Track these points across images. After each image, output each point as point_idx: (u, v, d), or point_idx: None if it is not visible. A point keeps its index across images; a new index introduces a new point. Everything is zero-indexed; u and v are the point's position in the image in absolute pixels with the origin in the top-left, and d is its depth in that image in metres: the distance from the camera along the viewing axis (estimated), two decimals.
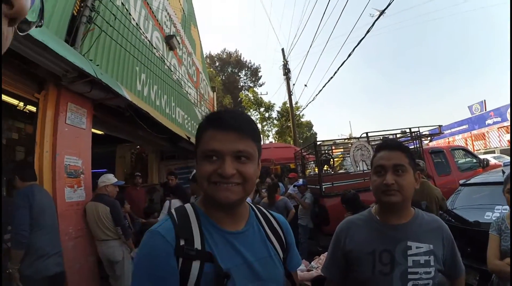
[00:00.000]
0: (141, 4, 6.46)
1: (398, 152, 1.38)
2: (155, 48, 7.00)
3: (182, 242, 0.90)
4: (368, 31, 7.55)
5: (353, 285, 1.43)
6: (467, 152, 8.14)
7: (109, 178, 4.29)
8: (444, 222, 1.47)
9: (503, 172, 4.09)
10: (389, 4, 6.41)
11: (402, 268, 1.30)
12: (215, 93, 17.08)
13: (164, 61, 7.69)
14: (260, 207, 1.19)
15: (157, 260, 0.88)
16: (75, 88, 3.79)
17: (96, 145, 6.42)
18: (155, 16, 7.40)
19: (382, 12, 7.01)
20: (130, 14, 5.80)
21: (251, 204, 1.16)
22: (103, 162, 7.51)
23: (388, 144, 1.45)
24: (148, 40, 6.64)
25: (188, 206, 1.03)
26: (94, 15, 4.37)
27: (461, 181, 5.01)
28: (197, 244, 0.91)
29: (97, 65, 4.23)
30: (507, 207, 3.21)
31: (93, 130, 5.19)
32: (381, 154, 1.41)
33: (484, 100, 25.63)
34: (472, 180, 4.76)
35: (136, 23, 6.11)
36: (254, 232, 1.05)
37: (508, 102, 22.71)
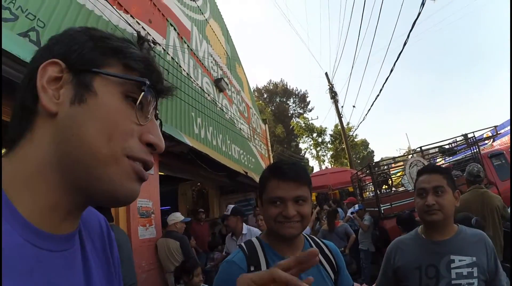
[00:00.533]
0: (189, 55, 7.10)
1: (437, 174, 1.53)
2: (206, 93, 7.59)
3: (252, 268, 1.12)
4: (405, 44, 7.48)
5: None
6: None
7: (177, 216, 4.69)
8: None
9: None
10: (419, 14, 6.36)
11: (446, 281, 1.41)
12: (266, 125, 17.48)
13: (216, 103, 8.30)
14: (313, 237, 1.39)
15: (233, 283, 0.99)
16: None
17: (160, 184, 6.98)
18: (202, 64, 8.02)
19: (415, 21, 6.95)
20: (180, 66, 6.42)
21: (306, 235, 1.34)
22: (166, 199, 7.89)
23: (428, 168, 1.62)
24: (200, 87, 7.25)
25: (254, 239, 1.27)
26: None
27: None
28: (263, 269, 1.04)
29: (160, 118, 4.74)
30: None
31: (161, 173, 5.71)
32: (422, 178, 1.57)
33: None
34: None
35: (187, 73, 6.72)
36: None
37: None
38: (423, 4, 6.05)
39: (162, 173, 5.93)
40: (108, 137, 0.47)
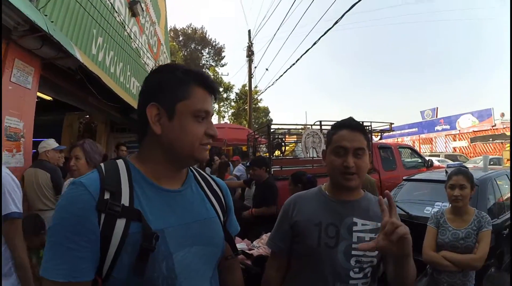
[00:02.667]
0: None
1: (359, 134, 1.39)
2: (116, 12, 6.64)
3: (107, 196, 0.82)
4: (336, 22, 7.62)
5: (298, 257, 1.44)
6: (413, 152, 8.65)
7: (50, 143, 4.03)
8: None
9: (446, 172, 4.29)
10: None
11: (347, 243, 1.31)
12: None
13: (124, 27, 7.33)
14: (197, 169, 1.19)
15: (76, 213, 0.79)
16: (24, 43, 3.56)
17: (44, 113, 5.97)
18: None
19: (354, 5, 7.02)
20: None
21: (191, 167, 1.14)
22: (50, 130, 7.08)
23: (350, 123, 1.43)
24: (111, 3, 6.29)
25: (120, 161, 0.96)
26: None
27: (404, 177, 5.33)
28: (125, 200, 0.84)
29: (52, 22, 3.93)
30: (447, 203, 3.46)
31: (41, 95, 4.87)
32: (343, 134, 1.39)
33: (437, 108, 27.61)
34: (416, 177, 5.09)
35: None
36: (192, 192, 1.04)
37: (458, 112, 24.84)
38: None
39: (45, 96, 5.11)
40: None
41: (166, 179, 0.97)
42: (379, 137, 7.94)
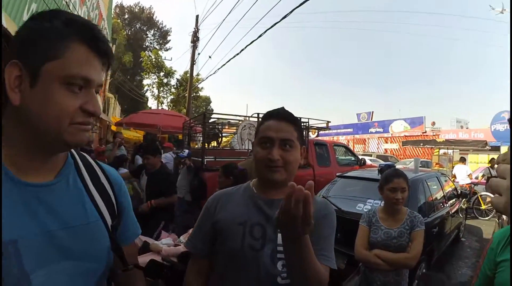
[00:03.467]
0: None
1: (288, 124, 1.24)
2: None
3: None
4: (284, 17, 7.76)
5: (221, 260, 1.25)
6: (347, 150, 8.96)
7: None
8: None
9: (379, 171, 4.45)
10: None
11: (273, 246, 1.17)
12: (114, 45, 15.86)
13: None
14: (84, 154, 0.93)
15: None
16: None
17: None
18: None
19: (304, 1, 7.15)
20: None
21: (73, 151, 0.89)
22: None
23: (278, 112, 1.28)
24: None
25: None
26: None
27: (338, 173, 5.49)
28: None
29: None
30: (379, 201, 3.47)
31: None
32: (269, 124, 1.25)
33: (372, 112, 30.14)
34: (349, 174, 5.21)
35: None
36: (68, 188, 0.79)
37: (391, 117, 27.35)
38: None
39: None
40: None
41: (30, 169, 0.73)
42: (316, 134, 8.15)
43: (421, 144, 17.76)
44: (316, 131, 8.01)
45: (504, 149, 16.05)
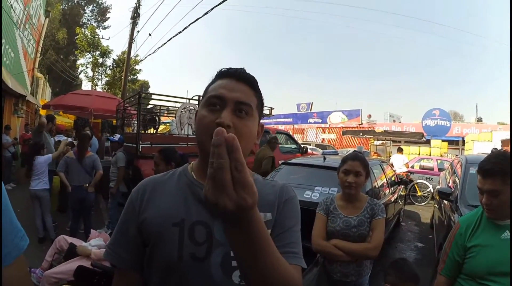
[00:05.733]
0: None
1: (247, 86, 0.94)
2: None
3: None
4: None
5: (155, 276, 0.91)
6: (290, 138, 9.09)
7: None
8: None
9: (324, 158, 4.65)
10: None
11: (224, 251, 0.87)
12: (48, 19, 14.12)
13: None
14: None
15: None
16: None
17: None
18: None
19: None
20: None
21: None
22: None
23: (236, 71, 0.95)
24: None
25: None
26: None
27: (281, 161, 5.33)
28: None
29: None
30: (327, 188, 3.50)
31: None
32: (222, 82, 0.93)
33: (312, 103, 31.90)
34: (294, 160, 5.10)
35: None
36: None
37: (330, 109, 29.08)
38: None
39: None
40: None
41: None
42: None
43: (360, 134, 19.39)
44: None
45: (434, 142, 18.64)
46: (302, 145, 8.79)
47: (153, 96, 5.93)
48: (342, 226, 2.21)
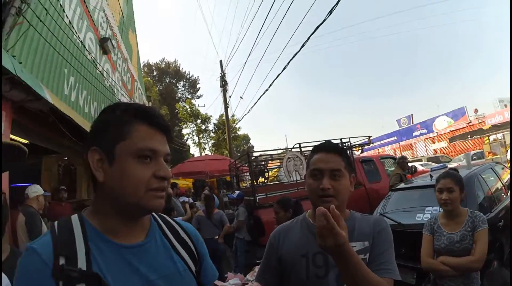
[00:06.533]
0: (77, 2, 6.10)
1: (335, 155, 1.35)
2: (87, 50, 6.60)
3: (62, 261, 0.75)
4: (303, 45, 7.79)
5: None
6: (395, 160, 8.56)
7: (39, 188, 4.15)
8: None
9: (431, 176, 4.40)
10: (324, 20, 6.64)
11: (337, 270, 1.21)
12: (150, 103, 16.56)
13: (96, 65, 7.28)
14: (163, 215, 1.07)
15: (31, 284, 0.73)
16: None
17: (19, 157, 5.79)
18: (91, 16, 7.02)
19: (316, 28, 7.20)
20: (64, 11, 5.42)
21: (154, 214, 1.03)
22: (28, 175, 6.78)
23: (325, 145, 1.41)
24: (81, 41, 6.24)
25: (74, 217, 0.87)
26: (25, 7, 3.99)
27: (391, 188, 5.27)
28: (81, 263, 0.76)
29: (20, 63, 3.86)
30: (437, 208, 3.41)
31: (16, 138, 4.71)
32: (318, 157, 1.37)
33: (412, 114, 28.64)
34: (402, 185, 4.99)
35: (70, 21, 5.73)
36: (157, 245, 0.94)
37: (432, 116, 25.77)
38: (330, 12, 6.29)
39: (20, 139, 4.94)
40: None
41: (123, 233, 0.87)
42: (360, 151, 8.05)
43: (468, 136, 17.07)
44: (361, 148, 7.99)
45: None
46: (410, 165, 8.54)
47: (258, 150, 6.72)
48: (446, 243, 2.31)
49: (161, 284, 0.86)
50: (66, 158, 8.63)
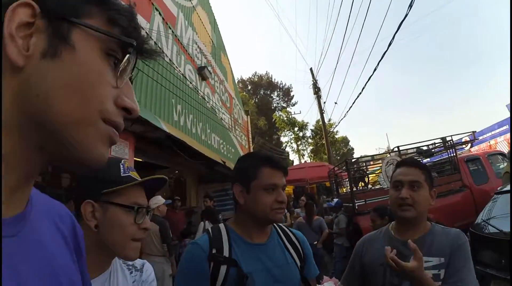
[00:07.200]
0: (173, 41, 6.94)
1: (415, 169, 1.48)
2: (188, 80, 7.46)
3: (214, 251, 1.20)
4: (390, 44, 7.52)
5: None
6: (505, 157, 7.51)
7: (160, 199, 4.89)
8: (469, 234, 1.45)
9: None
10: (406, 15, 6.41)
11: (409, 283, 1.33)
12: (249, 116, 17.41)
13: (197, 91, 8.17)
14: (281, 225, 1.47)
15: (195, 263, 1.20)
16: None
17: (137, 171, 6.79)
18: (186, 50, 7.86)
19: (401, 23, 6.95)
20: (163, 52, 6.24)
21: (274, 224, 1.42)
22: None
23: (406, 161, 1.59)
24: (182, 74, 7.10)
25: (221, 225, 1.34)
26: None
27: (496, 190, 4.55)
28: (226, 253, 1.21)
29: (138, 101, 4.64)
30: None
31: (137, 159, 5.61)
32: (399, 170, 1.52)
33: None
34: (508, 187, 4.22)
35: (170, 59, 6.57)
36: (274, 244, 1.34)
37: None
38: (410, 6, 6.08)
39: (139, 160, 5.85)
40: (83, 99, 0.42)
41: (254, 237, 1.30)
42: (468, 146, 7.38)
43: None
44: (470, 143, 7.22)
45: None
46: None
47: (356, 157, 6.66)
48: None
49: (275, 271, 1.24)
50: (176, 172, 9.66)
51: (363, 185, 7.35)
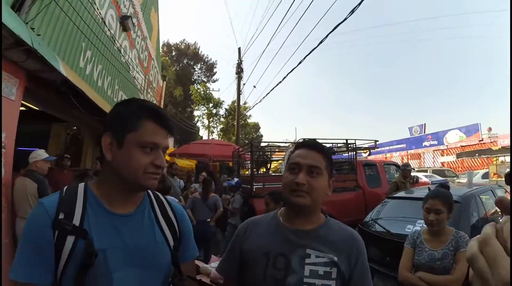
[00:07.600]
0: None
1: (316, 153, 1.28)
2: (107, 26, 6.70)
3: (61, 216, 0.96)
4: (321, 42, 7.77)
5: None
6: (398, 168, 8.39)
7: (39, 154, 4.31)
8: (360, 233, 1.36)
9: (429, 190, 4.18)
10: (344, 19, 6.65)
11: (297, 277, 1.16)
12: (165, 82, 16.72)
13: (114, 41, 7.40)
14: (158, 194, 1.24)
15: (35, 229, 0.94)
16: (9, 55, 3.56)
17: (32, 121, 5.89)
18: None
19: (337, 26, 7.18)
20: None
21: (149, 191, 1.19)
22: (37, 140, 7.18)
23: (309, 142, 1.34)
24: (101, 17, 6.33)
25: (81, 185, 1.07)
26: None
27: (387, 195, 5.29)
28: (76, 220, 0.96)
29: (39, 35, 4.00)
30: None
31: (28, 104, 4.89)
32: (298, 152, 1.30)
33: (424, 124, 28.26)
34: (398, 194, 4.95)
35: None
36: (143, 217, 1.11)
37: (446, 128, 25.25)
38: (352, 11, 6.26)
39: (31, 106, 5.13)
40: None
41: (118, 203, 1.06)
42: (367, 153, 8.04)
43: (476, 154, 16.92)
44: (368, 151, 7.91)
45: None
46: (413, 175, 8.36)
47: (262, 141, 6.80)
48: (427, 259, 2.28)
49: (139, 250, 1.03)
50: (75, 128, 8.87)
51: (264, 170, 7.60)
